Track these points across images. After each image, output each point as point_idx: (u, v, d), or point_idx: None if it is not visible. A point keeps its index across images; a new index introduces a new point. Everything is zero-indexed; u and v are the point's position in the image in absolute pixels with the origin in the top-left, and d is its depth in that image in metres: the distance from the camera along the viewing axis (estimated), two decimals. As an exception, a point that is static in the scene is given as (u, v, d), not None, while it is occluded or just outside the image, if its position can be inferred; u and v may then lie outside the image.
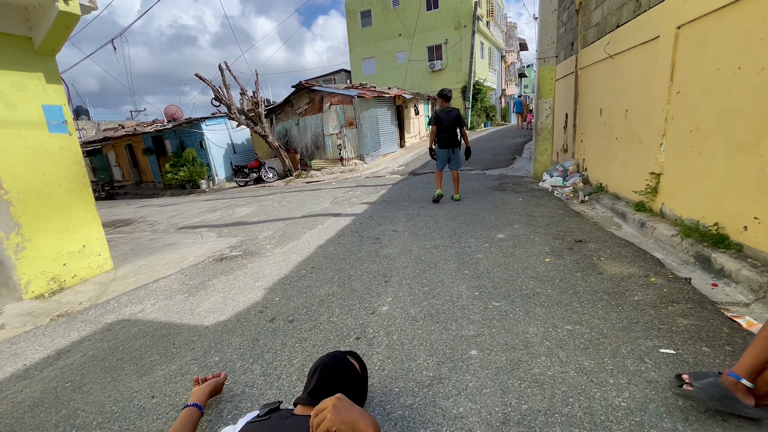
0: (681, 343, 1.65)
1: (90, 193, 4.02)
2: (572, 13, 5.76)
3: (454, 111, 5.25)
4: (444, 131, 5.24)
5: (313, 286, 2.73)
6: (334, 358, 1.22)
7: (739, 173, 2.45)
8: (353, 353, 1.36)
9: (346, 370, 1.21)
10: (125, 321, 2.55)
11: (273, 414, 1.07)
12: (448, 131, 5.23)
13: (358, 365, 1.30)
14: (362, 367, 1.33)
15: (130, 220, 8.20)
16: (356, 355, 1.36)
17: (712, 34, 2.67)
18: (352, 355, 1.34)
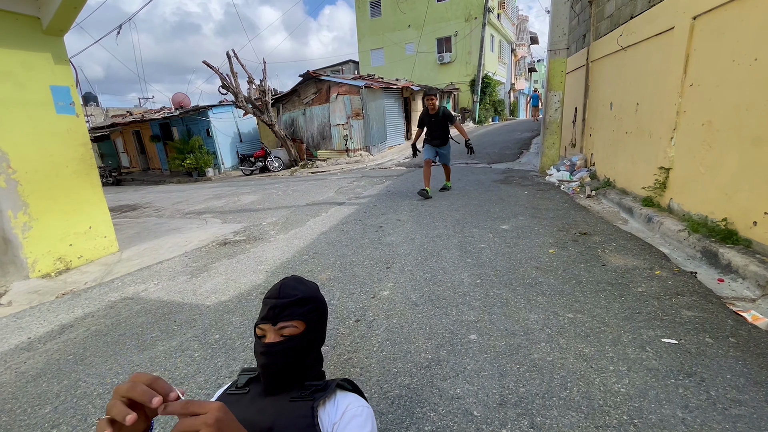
0: (684, 334, 1.63)
1: (96, 175, 4.04)
2: (585, 5, 5.65)
3: (439, 111, 5.15)
4: (433, 132, 5.22)
5: (315, 271, 2.74)
6: None
7: (751, 168, 2.40)
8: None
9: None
10: (128, 299, 2.57)
11: (252, 384, 0.96)
12: (437, 131, 5.19)
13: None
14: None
15: (137, 206, 8.27)
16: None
17: (728, 24, 2.60)
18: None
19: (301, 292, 0.94)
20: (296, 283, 0.96)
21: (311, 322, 0.94)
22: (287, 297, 0.91)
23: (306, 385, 0.90)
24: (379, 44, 23.71)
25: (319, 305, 0.98)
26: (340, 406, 0.86)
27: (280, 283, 0.96)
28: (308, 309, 0.94)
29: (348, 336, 1.81)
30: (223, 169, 14.40)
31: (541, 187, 5.25)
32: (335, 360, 1.64)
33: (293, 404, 0.86)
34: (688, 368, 1.41)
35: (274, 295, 0.92)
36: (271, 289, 0.95)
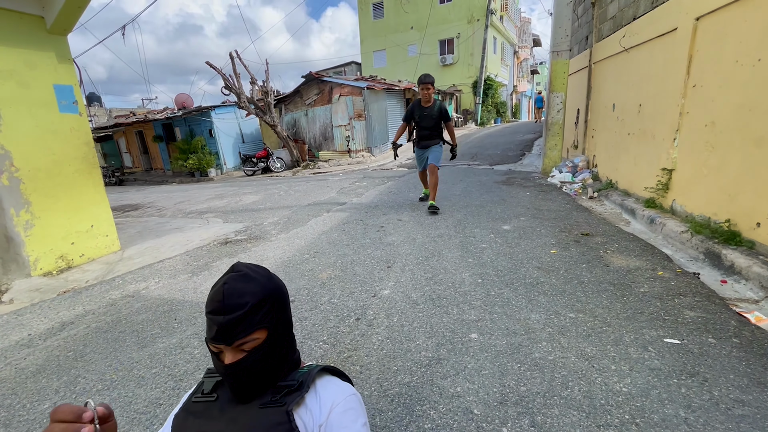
0: (686, 334, 1.62)
1: (99, 174, 4.06)
2: (588, 6, 5.64)
3: (435, 105, 4.28)
4: (423, 129, 4.36)
5: (316, 270, 2.73)
6: None
7: (755, 169, 2.38)
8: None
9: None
10: (129, 297, 2.57)
11: (220, 389, 0.81)
12: (427, 129, 4.33)
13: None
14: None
15: (139, 205, 8.29)
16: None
17: (731, 25, 2.60)
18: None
19: (252, 295, 0.75)
20: (242, 284, 0.76)
21: (273, 322, 0.78)
22: (236, 309, 0.72)
23: (278, 387, 0.78)
24: (381, 46, 23.77)
25: (277, 297, 0.81)
26: (324, 403, 0.77)
27: (221, 288, 0.74)
28: (266, 311, 0.77)
29: (348, 334, 1.81)
30: (225, 169, 14.43)
31: (543, 188, 5.24)
32: (335, 358, 1.64)
33: (266, 411, 0.75)
34: (690, 368, 1.40)
35: (219, 310, 0.72)
36: (212, 298, 0.75)
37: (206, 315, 0.75)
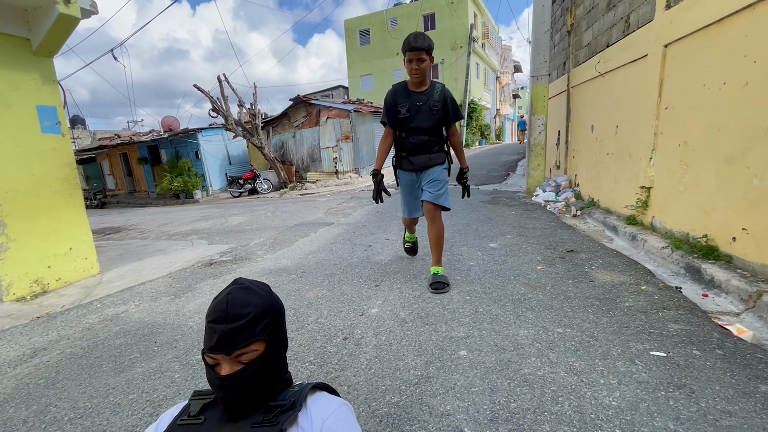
0: (672, 347, 1.63)
1: (80, 195, 3.97)
2: (564, 34, 5.94)
3: (435, 90, 2.48)
4: (414, 134, 2.51)
5: (302, 290, 2.69)
6: None
7: (727, 185, 2.48)
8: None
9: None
10: (107, 321, 2.48)
11: (207, 411, 0.79)
12: (421, 134, 2.51)
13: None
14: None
15: (121, 228, 8.10)
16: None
17: (698, 51, 2.76)
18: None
19: (255, 306, 0.77)
20: (246, 295, 0.78)
21: (272, 336, 0.79)
22: (239, 318, 0.74)
23: (270, 406, 0.77)
24: (368, 71, 24.40)
25: (276, 312, 0.83)
26: (315, 419, 0.76)
27: (225, 298, 0.77)
28: (266, 324, 0.78)
29: (336, 354, 1.77)
30: (211, 191, 14.31)
31: (528, 207, 5.34)
32: (322, 378, 1.59)
33: (258, 431, 0.74)
34: (677, 380, 1.41)
35: (222, 319, 0.74)
36: (215, 307, 0.76)
37: (207, 324, 0.76)
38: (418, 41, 2.29)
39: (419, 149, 2.54)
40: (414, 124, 2.47)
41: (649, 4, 3.40)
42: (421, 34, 2.34)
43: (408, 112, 2.45)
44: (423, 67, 2.35)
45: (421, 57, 2.31)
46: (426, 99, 2.44)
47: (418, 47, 2.28)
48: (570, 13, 5.54)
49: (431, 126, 2.48)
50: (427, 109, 2.44)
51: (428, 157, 2.54)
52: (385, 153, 2.62)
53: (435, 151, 2.56)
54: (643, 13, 3.52)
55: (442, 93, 2.46)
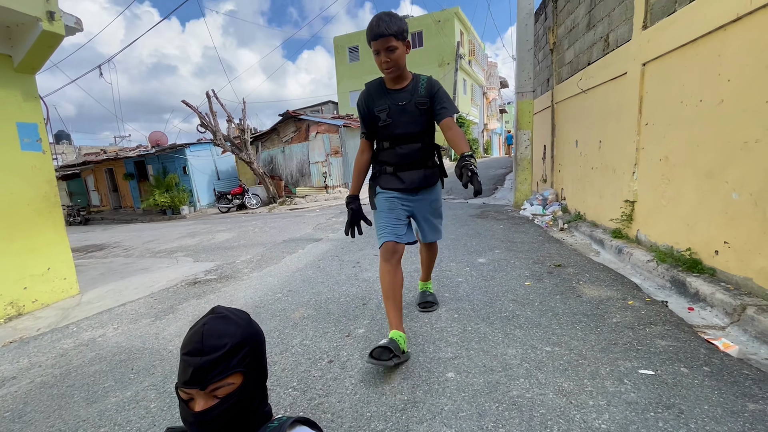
0: (660, 364, 1.62)
1: (60, 214, 3.87)
2: (547, 52, 6.10)
3: (419, 84, 1.93)
4: (397, 142, 1.96)
5: (288, 309, 2.63)
6: None
7: (708, 199, 2.53)
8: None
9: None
10: (83, 346, 2.37)
11: None
12: (406, 141, 1.96)
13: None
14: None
15: (104, 245, 7.91)
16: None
17: (674, 70, 2.84)
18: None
19: (232, 337, 0.73)
20: (223, 325, 0.74)
21: (250, 368, 0.75)
22: (215, 350, 0.70)
23: None
24: (357, 86, 24.68)
25: (256, 342, 0.79)
26: None
27: (200, 329, 0.73)
28: (244, 354, 0.74)
29: (320, 379, 1.71)
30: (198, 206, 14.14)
31: (516, 221, 5.37)
32: (305, 405, 1.53)
33: None
34: (666, 400, 1.39)
35: (197, 351, 0.70)
36: (190, 339, 0.72)
37: (181, 357, 0.72)
38: (382, 25, 1.68)
39: (411, 162, 1.94)
40: (400, 131, 1.89)
41: (627, 25, 3.52)
42: (386, 14, 1.73)
43: (389, 116, 1.88)
44: (396, 57, 1.75)
45: (390, 45, 1.71)
46: (409, 96, 1.87)
47: (383, 33, 1.68)
48: (552, 32, 5.70)
49: (422, 129, 1.92)
50: (413, 109, 1.87)
51: (423, 175, 1.95)
52: (363, 173, 2.03)
53: (430, 166, 2.01)
54: (622, 32, 3.64)
55: (428, 86, 1.89)
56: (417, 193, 2.00)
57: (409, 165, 1.96)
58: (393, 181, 1.96)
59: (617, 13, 3.72)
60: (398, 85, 1.89)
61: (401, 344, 1.72)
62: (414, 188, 1.97)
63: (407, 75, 1.90)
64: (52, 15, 3.46)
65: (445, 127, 1.87)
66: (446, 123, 1.87)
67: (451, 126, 1.86)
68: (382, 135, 1.95)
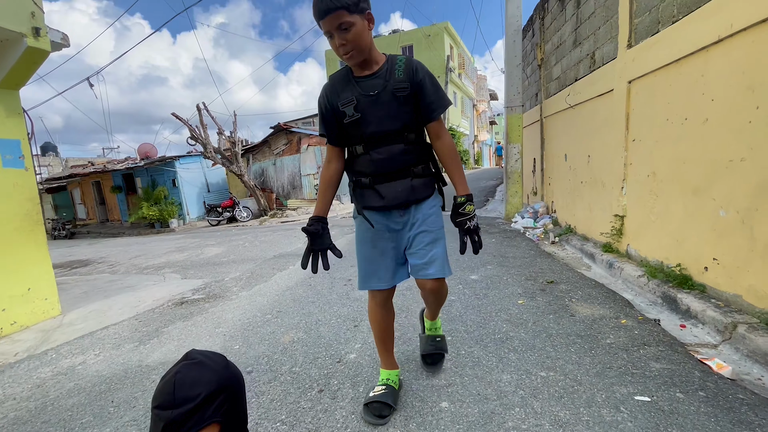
0: (655, 390, 1.60)
1: (42, 232, 3.76)
2: (535, 68, 6.21)
3: (395, 67, 1.42)
4: (373, 143, 1.45)
5: (278, 332, 2.56)
6: None
7: (696, 216, 2.55)
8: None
9: None
10: (61, 375, 2.27)
11: None
12: (384, 142, 1.44)
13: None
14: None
15: (89, 261, 7.72)
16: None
17: (659, 88, 2.90)
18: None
19: (207, 385, 0.69)
20: (197, 372, 0.70)
21: (227, 416, 0.71)
22: (187, 402, 0.66)
23: None
24: (349, 98, 24.82)
25: (233, 387, 0.75)
26: None
27: (172, 378, 0.68)
28: (220, 402, 0.70)
29: (309, 411, 1.65)
30: (188, 219, 13.95)
31: (508, 234, 5.38)
32: (294, 440, 1.47)
33: None
34: (663, 430, 1.36)
35: (168, 404, 0.65)
36: (161, 390, 0.68)
37: (152, 411, 0.67)
38: (324, 7, 1.25)
39: (390, 169, 1.44)
40: (374, 129, 1.41)
41: (612, 43, 3.59)
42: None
43: (357, 110, 1.40)
44: (354, 37, 1.30)
45: (342, 21, 1.26)
46: (383, 83, 1.39)
47: (330, 7, 1.24)
48: (540, 48, 5.81)
49: (403, 124, 1.42)
50: (388, 99, 1.39)
51: (409, 186, 1.45)
52: (330, 188, 1.55)
53: (418, 174, 1.48)
54: (607, 50, 3.71)
55: (408, 68, 1.41)
56: (404, 211, 1.50)
57: (389, 174, 1.45)
58: (371, 196, 1.49)
59: (602, 31, 3.80)
60: (367, 71, 1.41)
61: (396, 384, 1.65)
62: (397, 205, 1.47)
63: (377, 57, 1.42)
64: (37, 31, 3.41)
65: (432, 134, 1.49)
66: (434, 129, 1.47)
67: (441, 134, 1.48)
68: (352, 137, 1.46)
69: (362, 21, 1.31)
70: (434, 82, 1.45)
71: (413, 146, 1.47)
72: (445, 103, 1.45)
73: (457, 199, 1.45)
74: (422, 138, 1.52)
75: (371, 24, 1.36)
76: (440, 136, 1.49)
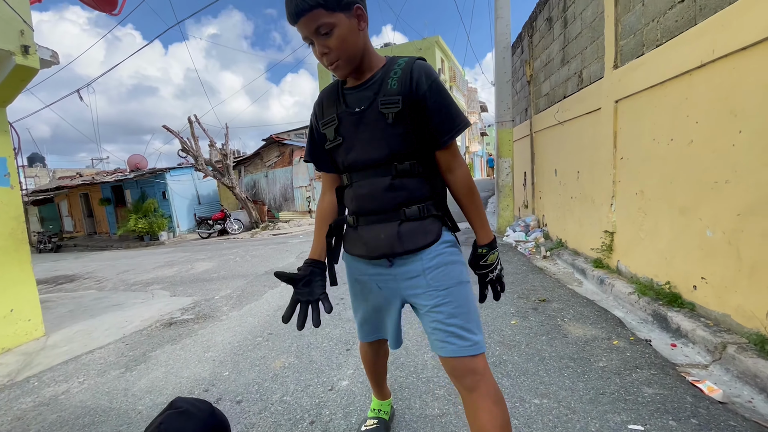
0: (648, 417, 1.60)
1: (27, 251, 3.68)
2: (524, 83, 6.32)
3: (389, 76, 1.07)
4: (354, 175, 1.16)
5: (268, 357, 2.51)
6: None
7: (683, 235, 2.59)
8: None
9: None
10: (43, 406, 2.19)
11: None
12: (367, 173, 1.13)
13: None
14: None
15: (75, 276, 7.56)
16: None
17: (645, 109, 2.96)
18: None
19: None
20: (181, 422, 0.72)
21: None
22: None
23: None
24: (341, 109, 24.97)
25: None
26: None
27: (156, 430, 0.70)
28: None
29: (301, 443, 1.62)
30: (178, 232, 13.78)
31: (500, 248, 5.39)
32: (285, 477, 1.43)
33: None
34: (657, 461, 1.36)
35: None
36: None
37: None
38: (294, 8, 0.99)
39: (373, 209, 1.14)
40: (354, 156, 1.13)
41: (599, 63, 3.67)
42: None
43: (339, 132, 1.14)
44: (337, 42, 1.01)
45: (320, 23, 0.99)
46: (371, 96, 1.09)
47: (302, 8, 0.98)
48: (529, 65, 5.92)
49: (390, 152, 1.08)
50: (374, 117, 1.08)
51: (395, 232, 1.10)
52: (325, 224, 1.26)
53: (411, 216, 1.11)
54: (594, 70, 3.79)
55: (406, 74, 1.06)
56: (390, 263, 1.14)
57: (369, 213, 1.14)
58: (354, 240, 1.20)
59: (589, 51, 3.88)
60: (359, 80, 1.11)
61: (388, 415, 1.63)
62: (380, 256, 1.13)
63: (374, 62, 1.11)
64: (26, 49, 3.38)
65: (442, 165, 1.12)
66: (443, 159, 1.11)
67: (453, 166, 1.12)
68: (338, 164, 1.19)
69: (348, 20, 1.00)
70: (443, 95, 1.05)
71: (406, 179, 1.09)
72: (458, 124, 1.06)
73: (477, 249, 1.17)
74: (424, 168, 1.11)
75: (362, 22, 1.04)
76: (452, 168, 1.12)
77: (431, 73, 1.06)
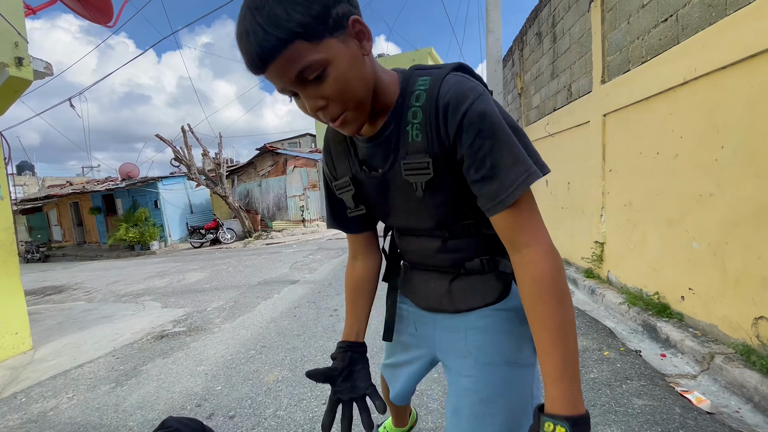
0: (638, 429, 1.62)
1: (15, 263, 3.63)
2: (515, 95, 6.44)
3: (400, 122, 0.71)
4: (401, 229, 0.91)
5: (262, 371, 2.50)
6: None
7: (671, 246, 2.65)
8: None
9: None
10: (31, 423, 2.15)
11: None
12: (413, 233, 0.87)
13: None
14: None
15: (64, 287, 7.43)
16: None
17: (632, 123, 3.04)
18: None
19: None
20: None
21: None
22: None
23: None
24: (335, 119, 25.10)
25: None
26: None
27: None
28: None
29: (294, 459, 1.61)
30: (170, 241, 13.64)
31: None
32: (278, 495, 1.43)
33: None
34: (647, 473, 1.38)
35: None
36: None
37: None
38: (259, 33, 0.55)
39: (423, 262, 0.92)
40: (390, 222, 0.91)
41: (587, 77, 3.77)
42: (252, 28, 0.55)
43: (358, 200, 0.85)
44: (334, 88, 0.62)
45: (304, 66, 0.58)
46: (389, 153, 0.75)
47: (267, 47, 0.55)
48: (520, 78, 6.04)
49: (436, 224, 0.80)
50: (401, 184, 0.76)
51: (446, 288, 0.87)
52: (359, 296, 1.04)
53: (472, 270, 0.84)
54: (583, 84, 3.89)
55: (430, 110, 0.68)
56: (435, 314, 0.92)
57: (422, 266, 0.93)
58: (404, 280, 1.01)
59: (578, 66, 3.99)
60: (372, 125, 0.77)
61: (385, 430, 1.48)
62: (425, 308, 0.94)
63: (387, 94, 0.74)
64: (20, 61, 3.38)
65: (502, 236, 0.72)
66: (503, 229, 0.71)
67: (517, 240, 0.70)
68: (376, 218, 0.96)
69: (345, 46, 0.62)
70: (486, 136, 0.66)
71: (463, 240, 0.83)
72: (511, 184, 0.66)
73: (542, 421, 0.59)
74: (488, 225, 0.76)
75: (366, 41, 0.66)
76: (515, 244, 0.69)
77: (463, 100, 0.66)
